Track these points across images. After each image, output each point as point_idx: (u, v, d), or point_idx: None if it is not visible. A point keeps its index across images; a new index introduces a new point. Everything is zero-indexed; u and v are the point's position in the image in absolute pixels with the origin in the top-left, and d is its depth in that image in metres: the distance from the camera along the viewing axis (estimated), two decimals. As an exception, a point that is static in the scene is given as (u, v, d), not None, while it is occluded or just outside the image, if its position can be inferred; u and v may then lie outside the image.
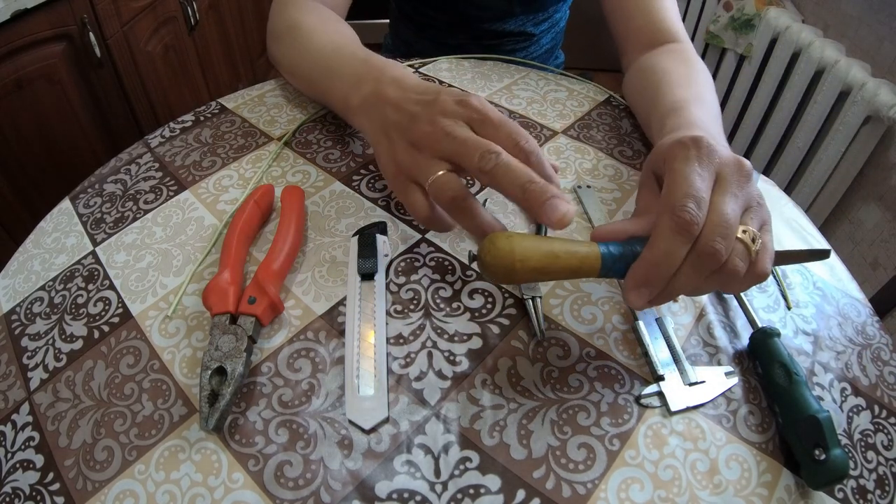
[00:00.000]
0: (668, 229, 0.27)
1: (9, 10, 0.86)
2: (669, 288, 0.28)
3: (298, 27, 0.51)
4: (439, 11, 0.74)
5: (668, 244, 0.27)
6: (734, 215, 0.28)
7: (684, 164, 0.29)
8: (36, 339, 0.36)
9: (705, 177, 0.28)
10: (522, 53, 0.79)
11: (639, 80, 0.53)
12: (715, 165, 0.29)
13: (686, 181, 0.28)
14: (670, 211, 0.27)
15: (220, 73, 1.63)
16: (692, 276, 0.28)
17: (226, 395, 0.30)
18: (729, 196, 0.28)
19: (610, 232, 0.31)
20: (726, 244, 0.27)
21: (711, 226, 0.27)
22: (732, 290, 0.31)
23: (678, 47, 0.54)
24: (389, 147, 0.36)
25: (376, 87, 0.38)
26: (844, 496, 0.29)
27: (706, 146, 0.29)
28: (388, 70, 0.40)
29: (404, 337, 0.35)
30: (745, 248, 0.28)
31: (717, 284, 0.29)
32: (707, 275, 0.28)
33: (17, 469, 0.30)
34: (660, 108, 0.44)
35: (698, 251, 0.27)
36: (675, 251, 0.27)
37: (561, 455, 0.30)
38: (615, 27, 0.59)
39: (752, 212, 0.29)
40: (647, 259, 0.28)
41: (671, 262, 0.27)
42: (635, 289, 0.28)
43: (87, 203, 0.46)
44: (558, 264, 0.28)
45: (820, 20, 1.22)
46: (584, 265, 0.29)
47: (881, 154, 1.06)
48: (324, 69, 0.46)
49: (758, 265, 0.28)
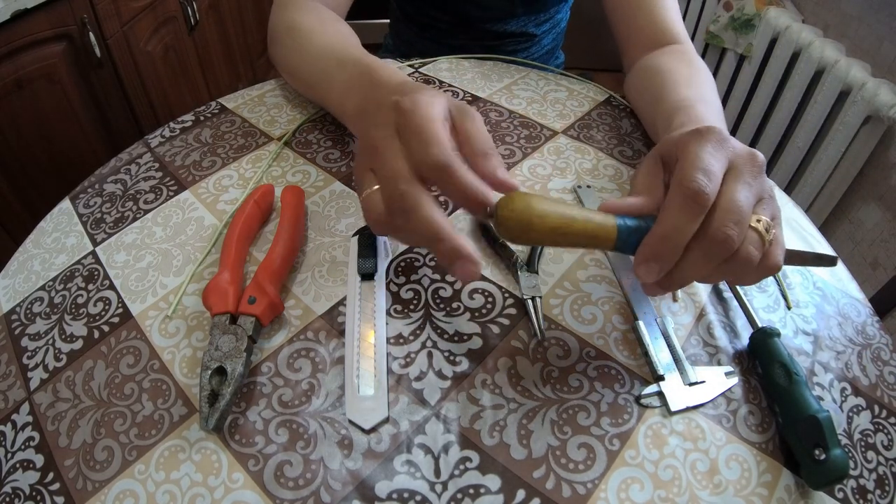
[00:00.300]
0: (677, 201, 0.27)
1: (9, 10, 0.86)
2: (681, 274, 0.28)
3: (297, 28, 0.51)
4: (441, 12, 0.74)
5: (677, 216, 0.27)
6: (747, 203, 0.27)
7: (697, 145, 0.29)
8: (36, 339, 0.36)
9: (719, 158, 0.28)
10: (524, 54, 0.79)
11: (641, 80, 0.53)
12: (728, 153, 0.29)
13: (698, 157, 0.28)
14: (680, 183, 0.27)
15: (220, 73, 1.63)
16: (704, 263, 0.28)
17: (226, 395, 0.30)
18: (742, 184, 0.28)
19: (618, 206, 0.30)
20: (739, 230, 0.27)
21: (724, 212, 0.27)
22: (743, 281, 0.31)
23: (680, 48, 0.54)
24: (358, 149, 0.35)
25: (368, 94, 0.37)
26: (844, 496, 0.29)
27: (721, 134, 0.29)
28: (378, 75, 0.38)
29: (404, 337, 0.35)
30: (759, 236, 0.28)
31: (729, 273, 0.29)
32: (719, 262, 0.28)
33: (17, 469, 0.30)
34: (665, 106, 0.44)
35: (710, 237, 0.27)
36: (684, 224, 0.27)
37: (561, 455, 0.30)
38: (617, 28, 0.59)
39: (764, 203, 0.29)
40: (656, 232, 0.28)
41: (681, 236, 0.27)
42: (644, 263, 0.28)
43: (87, 203, 0.46)
44: (574, 227, 0.28)
45: (820, 20, 1.22)
46: (599, 234, 0.28)
47: (881, 154, 1.06)
48: (321, 73, 0.46)
49: (770, 256, 0.28)
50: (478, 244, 0.41)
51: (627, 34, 0.58)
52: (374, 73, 0.37)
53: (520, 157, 0.50)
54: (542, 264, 0.40)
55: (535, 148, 0.51)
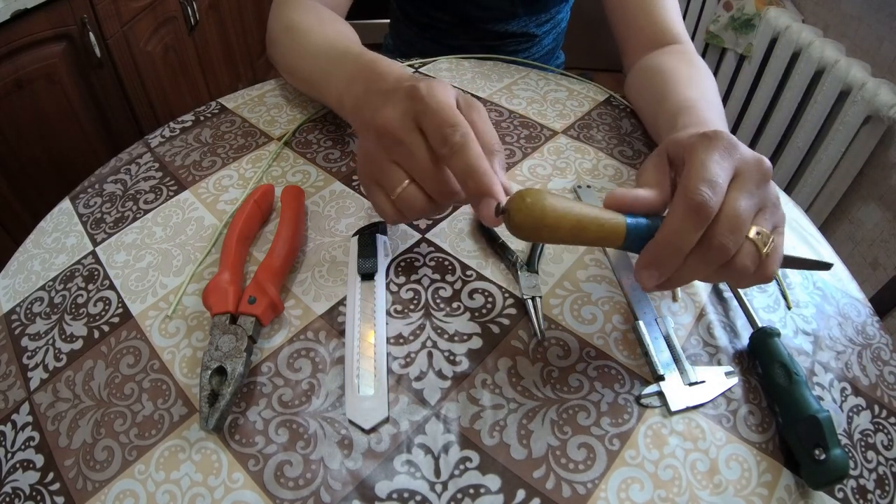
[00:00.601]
0: (681, 212, 0.27)
1: (9, 10, 0.86)
2: (678, 274, 0.29)
3: (296, 28, 0.51)
4: (442, 12, 0.74)
5: (680, 227, 0.27)
6: (747, 213, 0.28)
7: (705, 153, 0.29)
8: (36, 339, 0.36)
9: (725, 167, 0.28)
10: (525, 55, 0.79)
11: (642, 80, 0.53)
12: (735, 161, 0.29)
13: (704, 167, 0.28)
14: (684, 193, 0.27)
15: (220, 73, 1.63)
16: (700, 266, 0.28)
17: (226, 395, 0.30)
18: (745, 193, 0.28)
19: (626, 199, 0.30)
20: (734, 239, 0.27)
21: (723, 219, 0.27)
22: (739, 285, 0.31)
23: (681, 48, 0.54)
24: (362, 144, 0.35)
25: (371, 86, 0.38)
26: (844, 496, 0.29)
27: (729, 141, 0.30)
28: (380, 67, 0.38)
29: (404, 337, 0.35)
30: (755, 249, 0.28)
31: (725, 278, 0.29)
32: (715, 268, 0.28)
33: (17, 469, 0.30)
34: (667, 106, 0.44)
35: (707, 243, 0.27)
36: (686, 235, 0.27)
37: (561, 455, 0.30)
38: (617, 28, 0.59)
39: (767, 212, 0.29)
40: (658, 240, 0.28)
41: (682, 246, 0.27)
42: (645, 268, 0.29)
43: (87, 203, 0.46)
44: (586, 228, 0.28)
45: (820, 20, 1.22)
46: (609, 234, 0.29)
47: (881, 154, 1.06)
48: (320, 70, 0.46)
49: (764, 267, 0.29)
50: (477, 244, 0.41)
51: (627, 34, 0.58)
52: (376, 65, 0.37)
53: (520, 157, 0.50)
54: (542, 264, 0.40)
55: (535, 148, 0.51)
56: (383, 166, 0.33)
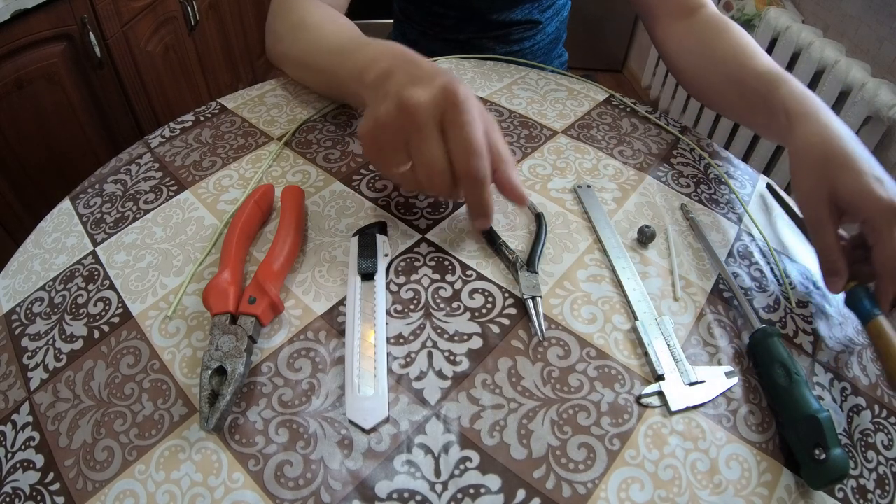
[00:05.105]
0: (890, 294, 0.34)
1: (9, 10, 0.86)
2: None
3: (304, 24, 0.51)
4: (448, 7, 0.75)
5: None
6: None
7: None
8: (36, 339, 0.36)
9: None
10: (530, 42, 0.79)
11: (703, 40, 0.55)
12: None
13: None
14: (891, 277, 0.34)
15: (220, 73, 1.63)
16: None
17: (226, 395, 0.30)
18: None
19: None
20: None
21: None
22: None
23: (715, 12, 0.56)
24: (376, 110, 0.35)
25: (402, 66, 0.37)
26: (844, 496, 0.29)
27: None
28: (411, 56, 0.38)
29: (404, 337, 0.35)
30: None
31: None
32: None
33: (17, 469, 0.30)
34: (750, 71, 0.47)
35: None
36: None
37: (561, 455, 0.30)
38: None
39: None
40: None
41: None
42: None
43: (88, 203, 0.46)
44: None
45: (820, 20, 1.22)
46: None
47: (881, 154, 1.06)
48: (336, 54, 0.46)
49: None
50: (478, 244, 0.41)
51: (650, 1, 0.60)
52: (410, 53, 0.38)
53: (520, 157, 0.50)
54: (542, 264, 0.40)
55: (535, 148, 0.51)
56: (393, 144, 0.34)
